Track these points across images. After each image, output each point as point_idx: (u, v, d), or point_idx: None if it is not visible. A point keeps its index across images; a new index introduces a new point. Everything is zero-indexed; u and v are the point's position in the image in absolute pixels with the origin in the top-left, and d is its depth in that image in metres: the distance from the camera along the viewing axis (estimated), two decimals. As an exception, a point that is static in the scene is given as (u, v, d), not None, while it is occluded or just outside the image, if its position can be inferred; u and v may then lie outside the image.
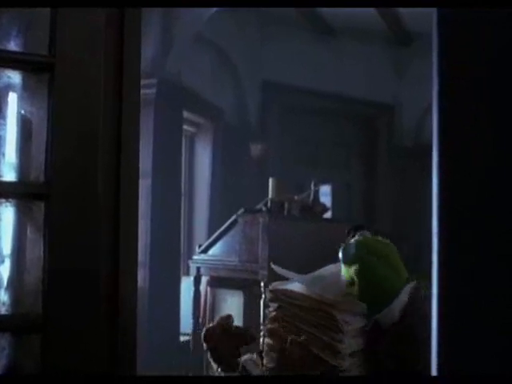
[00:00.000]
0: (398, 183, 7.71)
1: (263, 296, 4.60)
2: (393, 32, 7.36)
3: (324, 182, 5.36)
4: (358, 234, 1.92)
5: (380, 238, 1.95)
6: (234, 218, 4.89)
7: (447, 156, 0.71)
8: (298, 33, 7.20)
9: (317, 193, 5.10)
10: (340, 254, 1.81)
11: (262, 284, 4.61)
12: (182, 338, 5.79)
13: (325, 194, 5.32)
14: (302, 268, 2.45)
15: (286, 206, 4.85)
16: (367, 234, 1.95)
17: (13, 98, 1.32)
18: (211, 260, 5.10)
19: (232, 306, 5.06)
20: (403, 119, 7.86)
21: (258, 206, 4.89)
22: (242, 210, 4.87)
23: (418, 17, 5.97)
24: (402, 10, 6.54)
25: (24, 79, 1.26)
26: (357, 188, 7.94)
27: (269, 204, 4.83)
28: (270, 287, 1.86)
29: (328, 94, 7.42)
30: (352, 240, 1.92)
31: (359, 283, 1.79)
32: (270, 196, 4.97)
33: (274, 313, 1.80)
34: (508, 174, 0.70)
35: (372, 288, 1.79)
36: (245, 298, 4.95)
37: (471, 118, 0.71)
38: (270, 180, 5.08)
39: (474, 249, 0.70)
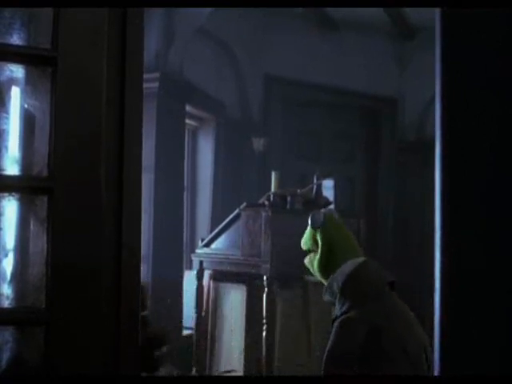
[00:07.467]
0: (401, 176, 7.70)
1: (265, 290, 4.60)
2: (396, 25, 7.34)
3: (327, 176, 5.35)
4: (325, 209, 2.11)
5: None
6: (236, 211, 4.90)
7: (450, 149, 0.71)
8: (300, 26, 7.19)
9: (320, 186, 5.10)
10: (309, 220, 2.01)
11: (265, 278, 4.62)
12: (184, 332, 5.81)
13: (328, 187, 5.32)
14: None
15: (289, 199, 4.86)
16: (334, 212, 2.12)
17: (15, 92, 1.32)
18: (214, 254, 5.11)
19: (235, 300, 5.07)
20: (406, 112, 7.84)
21: (261, 200, 4.89)
22: (244, 204, 4.87)
23: (420, 10, 5.95)
24: (405, 3, 6.51)
25: (27, 73, 1.26)
26: (360, 181, 7.94)
27: (271, 198, 4.84)
28: None
29: (330, 88, 7.41)
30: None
31: (321, 246, 1.93)
32: (272, 190, 4.97)
33: None
34: None
35: (331, 253, 1.93)
36: (247, 292, 4.96)
37: (475, 112, 0.70)
38: (273, 174, 5.08)
39: (478, 244, 0.70)
